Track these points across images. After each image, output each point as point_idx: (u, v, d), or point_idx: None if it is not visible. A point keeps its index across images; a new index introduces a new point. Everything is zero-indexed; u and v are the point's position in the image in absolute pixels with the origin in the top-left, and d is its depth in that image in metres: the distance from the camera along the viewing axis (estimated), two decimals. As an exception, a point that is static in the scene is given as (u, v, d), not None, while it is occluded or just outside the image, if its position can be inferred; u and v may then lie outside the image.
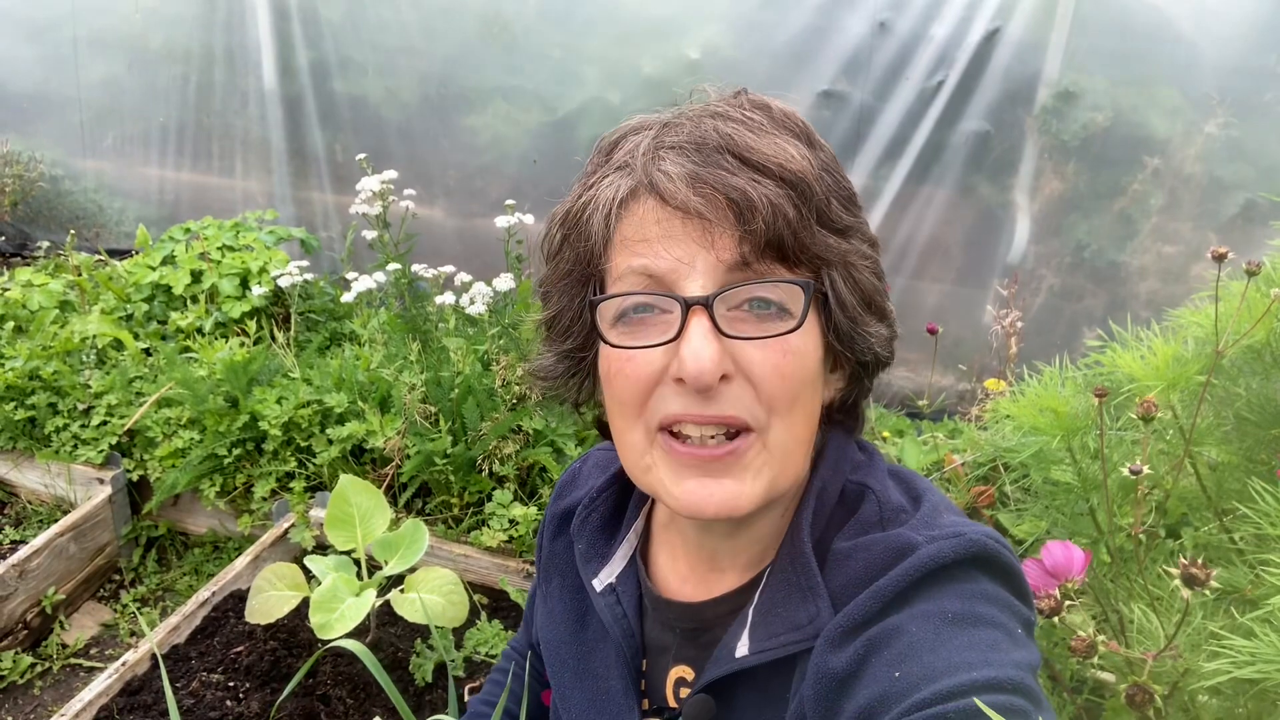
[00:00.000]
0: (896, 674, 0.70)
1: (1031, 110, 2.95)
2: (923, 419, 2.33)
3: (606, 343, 0.79)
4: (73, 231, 3.71)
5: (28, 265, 3.60)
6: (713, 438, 0.76)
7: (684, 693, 0.91)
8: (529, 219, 2.81)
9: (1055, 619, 1.01)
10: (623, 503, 1.01)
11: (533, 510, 2.28)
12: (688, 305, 0.74)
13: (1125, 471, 1.11)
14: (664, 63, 3.27)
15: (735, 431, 0.77)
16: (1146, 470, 1.11)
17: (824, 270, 0.77)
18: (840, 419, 0.89)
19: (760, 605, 0.83)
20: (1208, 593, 0.88)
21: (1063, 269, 3.07)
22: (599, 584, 0.97)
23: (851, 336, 0.80)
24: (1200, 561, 0.89)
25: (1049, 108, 2.92)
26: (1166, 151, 2.87)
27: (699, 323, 0.73)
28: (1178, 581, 0.89)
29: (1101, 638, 1.02)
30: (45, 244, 3.84)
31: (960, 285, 3.21)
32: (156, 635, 2.03)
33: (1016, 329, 2.22)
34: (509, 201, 2.81)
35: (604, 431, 0.92)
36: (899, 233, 3.16)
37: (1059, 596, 1.00)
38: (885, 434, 2.15)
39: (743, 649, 0.82)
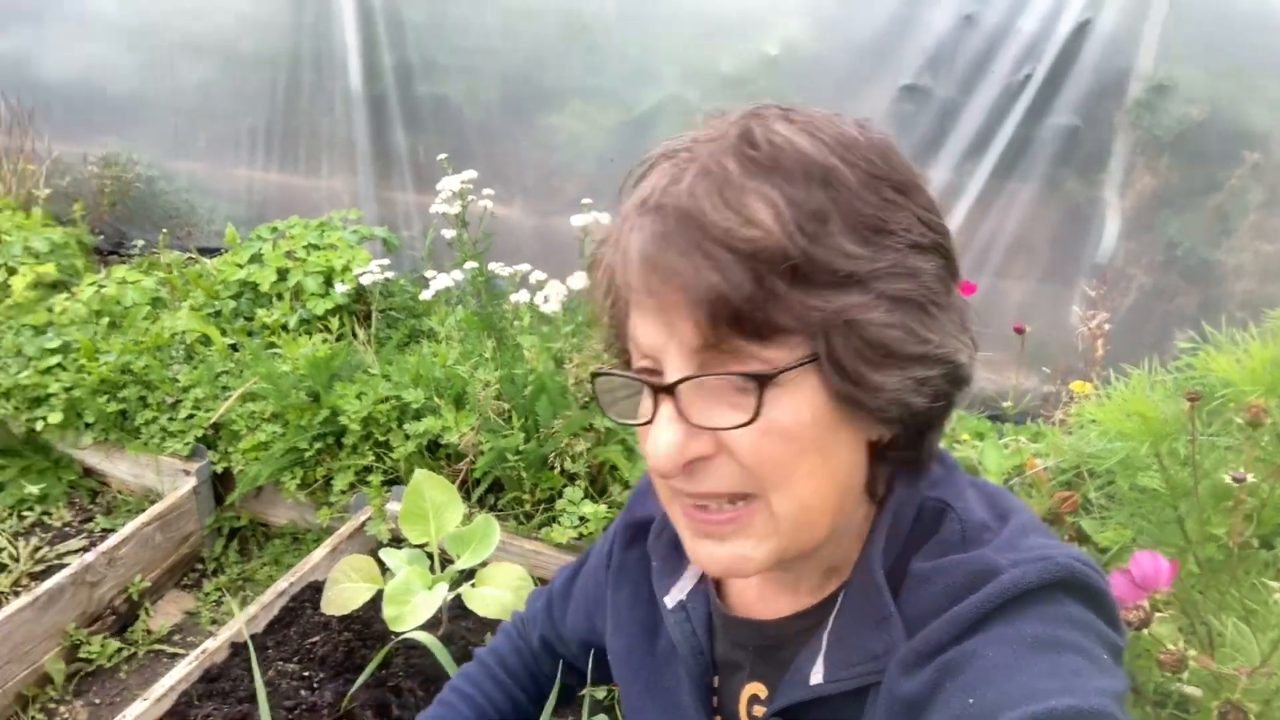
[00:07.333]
0: (970, 700, 0.66)
1: (1123, 104, 2.85)
2: (1004, 422, 2.26)
3: (605, 414, 0.80)
4: (165, 230, 3.84)
5: (123, 263, 3.74)
6: (716, 506, 0.75)
7: (757, 710, 0.89)
8: (605, 218, 2.81)
9: (1144, 631, 0.96)
10: None
11: (603, 509, 2.28)
12: (656, 391, 0.72)
13: (1227, 479, 1.06)
14: (742, 60, 3.25)
15: (739, 497, 0.74)
16: (1250, 478, 1.05)
17: (815, 333, 0.69)
18: (899, 457, 0.80)
19: (834, 631, 0.81)
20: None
21: (1153, 268, 2.96)
22: (670, 601, 0.96)
23: (857, 399, 0.71)
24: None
25: (1141, 101, 2.82)
26: (1267, 145, 2.74)
27: (664, 409, 0.72)
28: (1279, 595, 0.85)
29: (1191, 652, 0.97)
30: (140, 242, 3.99)
31: (1045, 284, 3.12)
32: (235, 625, 2.08)
33: (1104, 330, 2.14)
34: (585, 200, 2.81)
35: None
36: (982, 230, 3.09)
37: (1149, 608, 0.95)
38: (965, 436, 2.09)
39: (817, 676, 0.80)
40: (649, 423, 0.73)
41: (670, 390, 0.71)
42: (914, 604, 0.76)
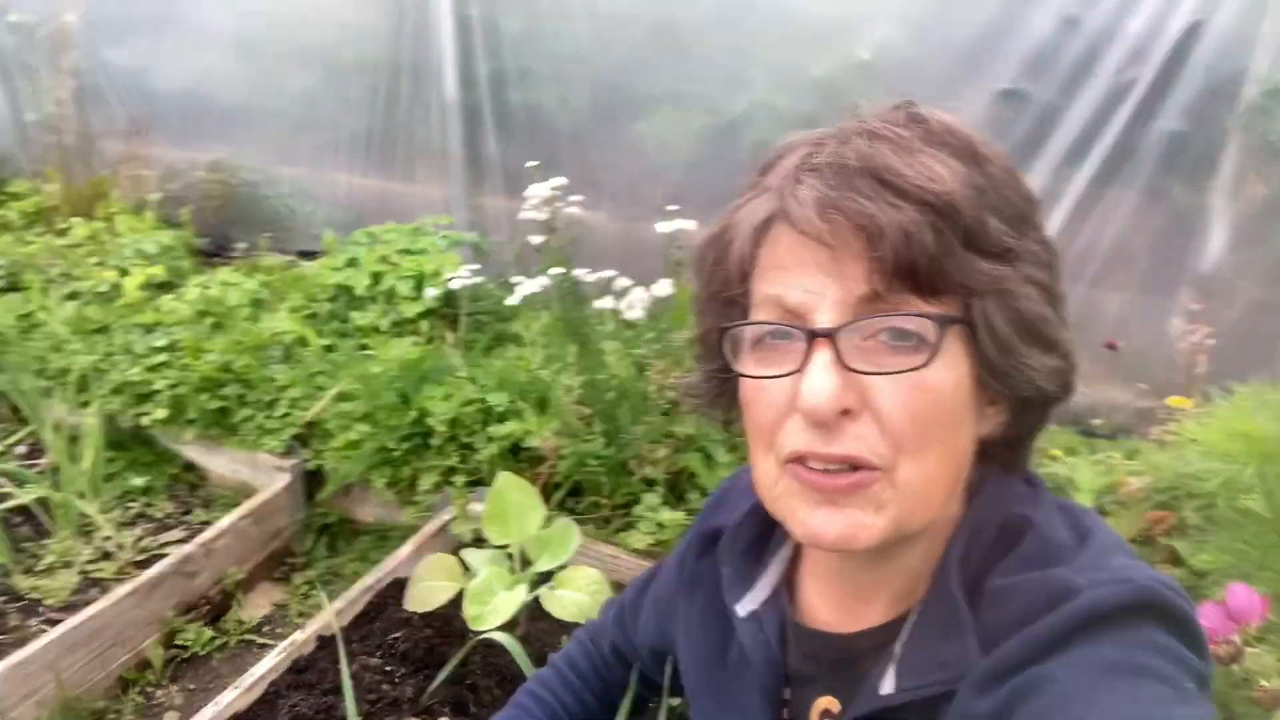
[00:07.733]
0: None
1: (1235, 108, 2.71)
2: (1098, 437, 2.18)
3: (736, 371, 0.79)
4: (267, 234, 3.97)
5: (226, 265, 3.88)
6: (837, 469, 0.73)
7: None
8: (690, 224, 2.81)
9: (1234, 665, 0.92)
10: (770, 527, 0.99)
11: (680, 515, 2.27)
12: (812, 336, 0.71)
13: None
14: (834, 64, 3.20)
15: (863, 465, 0.73)
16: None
17: (973, 299, 0.72)
18: (999, 455, 0.82)
19: (908, 642, 0.80)
20: None
21: (1264, 280, 2.81)
22: (742, 610, 0.95)
23: (1004, 371, 0.74)
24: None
25: (1256, 105, 2.68)
26: (1392, 153, 2.59)
27: (821, 355, 0.71)
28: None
29: (1291, 687, 0.92)
30: (242, 245, 4.14)
31: (1145, 295, 2.99)
32: (322, 619, 2.14)
33: (1206, 345, 2.05)
34: (671, 206, 2.81)
35: None
36: (1080, 238, 2.98)
37: (1239, 643, 0.91)
38: (1056, 452, 2.03)
39: (887, 687, 0.78)
40: (797, 371, 0.72)
41: (830, 336, 0.71)
42: (989, 619, 0.74)
